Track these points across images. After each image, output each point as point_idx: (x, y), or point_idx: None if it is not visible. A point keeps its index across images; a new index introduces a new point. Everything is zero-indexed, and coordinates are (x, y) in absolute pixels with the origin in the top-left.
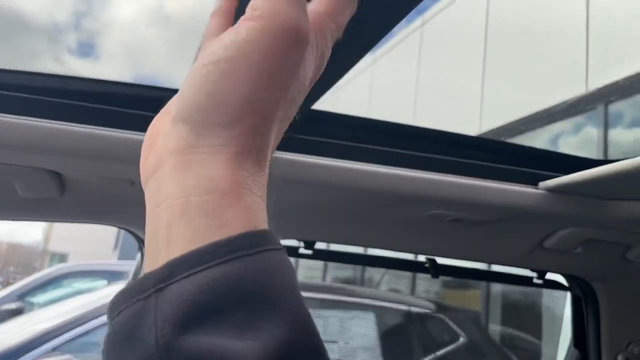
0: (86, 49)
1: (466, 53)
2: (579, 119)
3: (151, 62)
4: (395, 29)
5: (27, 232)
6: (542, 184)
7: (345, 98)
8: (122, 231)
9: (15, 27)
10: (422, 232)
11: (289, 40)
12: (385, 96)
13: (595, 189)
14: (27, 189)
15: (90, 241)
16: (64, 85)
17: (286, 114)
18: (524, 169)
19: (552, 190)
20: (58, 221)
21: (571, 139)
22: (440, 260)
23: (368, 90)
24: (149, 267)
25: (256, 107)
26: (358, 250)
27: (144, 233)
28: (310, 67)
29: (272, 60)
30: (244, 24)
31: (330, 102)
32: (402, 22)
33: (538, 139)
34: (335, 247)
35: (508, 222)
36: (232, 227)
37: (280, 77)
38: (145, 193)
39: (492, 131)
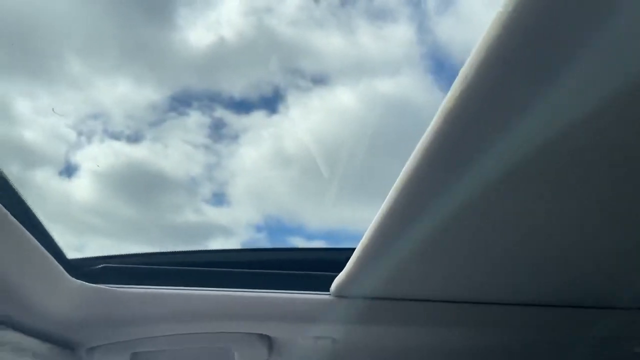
0: (219, 198)
1: None
2: None
3: (277, 202)
4: None
5: None
6: None
7: None
8: None
9: (157, 186)
10: None
11: None
12: None
13: None
14: (242, 354)
15: None
16: (268, 257)
17: None
18: None
19: None
20: None
21: None
22: None
23: None
24: None
25: None
26: None
27: None
28: None
29: None
30: None
31: None
32: None
33: None
34: None
35: None
36: None
37: None
38: None
39: None
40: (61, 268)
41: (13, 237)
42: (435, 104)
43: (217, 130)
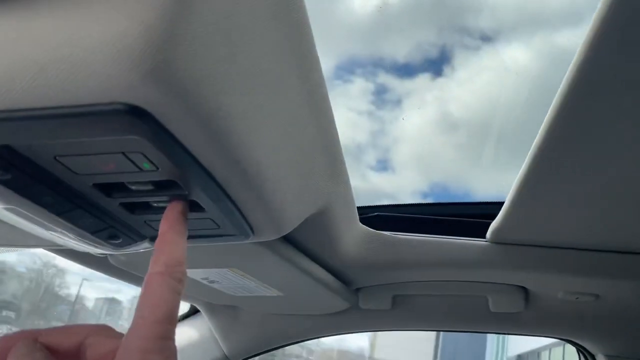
0: (383, 164)
1: None
2: None
3: (442, 169)
4: None
5: (354, 340)
6: None
7: None
8: (441, 344)
9: None
10: None
11: None
12: None
13: None
14: (497, 304)
15: (411, 350)
16: None
17: None
18: None
19: None
20: (518, 334)
21: None
22: None
23: None
24: None
25: None
26: None
27: (601, 350)
28: None
29: None
30: None
31: None
32: None
33: None
34: None
35: None
36: None
37: None
38: None
39: None
40: (356, 212)
41: (341, 180)
42: None
43: (380, 96)
